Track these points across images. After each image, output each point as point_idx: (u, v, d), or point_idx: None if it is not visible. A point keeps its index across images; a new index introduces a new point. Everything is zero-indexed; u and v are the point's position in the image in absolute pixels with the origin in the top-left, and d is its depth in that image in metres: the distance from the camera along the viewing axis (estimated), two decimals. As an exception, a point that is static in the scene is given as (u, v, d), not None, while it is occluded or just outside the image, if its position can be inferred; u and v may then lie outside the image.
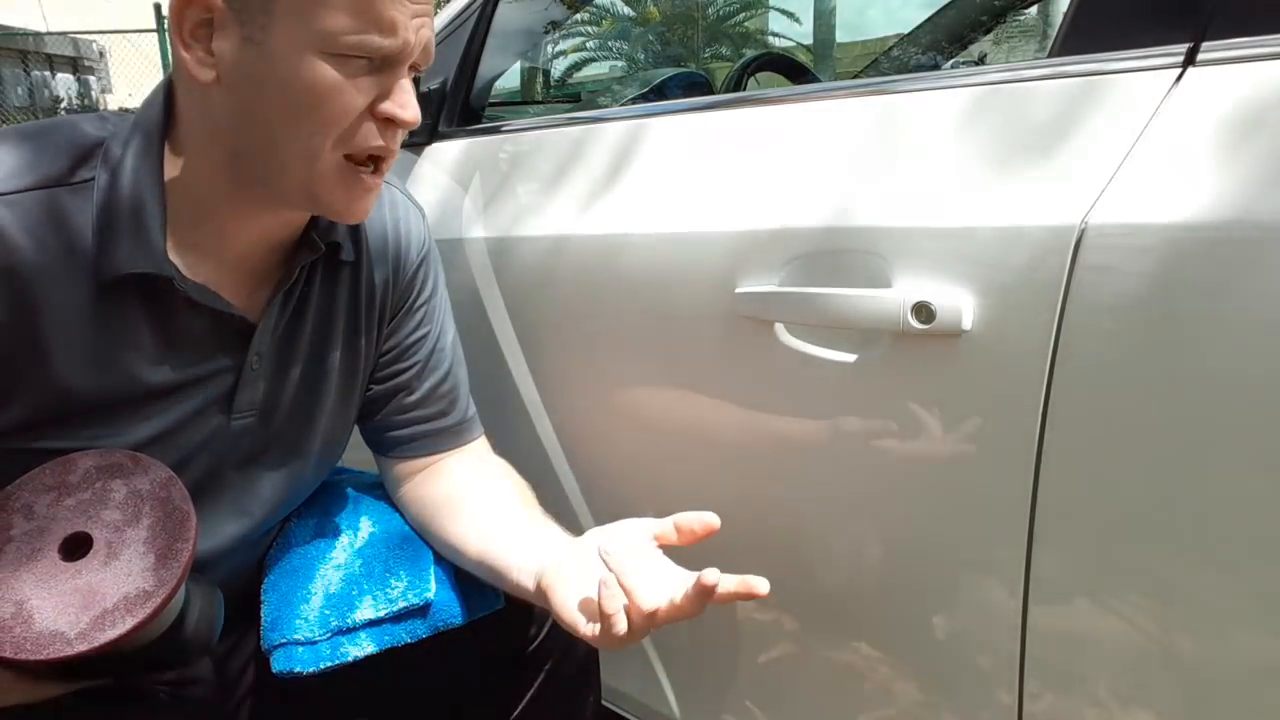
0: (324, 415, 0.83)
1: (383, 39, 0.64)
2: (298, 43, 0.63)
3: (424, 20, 0.67)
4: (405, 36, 0.65)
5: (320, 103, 0.65)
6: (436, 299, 0.91)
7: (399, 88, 0.67)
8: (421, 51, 0.67)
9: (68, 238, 0.66)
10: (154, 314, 0.70)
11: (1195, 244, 0.61)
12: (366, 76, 0.66)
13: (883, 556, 0.81)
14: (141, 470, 0.66)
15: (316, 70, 0.64)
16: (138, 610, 0.60)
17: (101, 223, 0.66)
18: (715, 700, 1.00)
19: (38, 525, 0.62)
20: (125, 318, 0.69)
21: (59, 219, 0.65)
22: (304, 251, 0.76)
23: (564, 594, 0.72)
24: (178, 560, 0.62)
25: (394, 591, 0.83)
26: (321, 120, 0.65)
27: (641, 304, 0.94)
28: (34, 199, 0.65)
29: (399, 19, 0.64)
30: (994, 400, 0.71)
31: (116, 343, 0.69)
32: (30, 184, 0.65)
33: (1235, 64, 0.63)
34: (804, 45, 7.95)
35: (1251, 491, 0.61)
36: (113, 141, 0.68)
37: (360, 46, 0.64)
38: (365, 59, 0.65)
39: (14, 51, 13.85)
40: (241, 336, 0.75)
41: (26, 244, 0.64)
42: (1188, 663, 0.66)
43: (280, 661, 0.81)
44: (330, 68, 0.64)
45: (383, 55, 0.65)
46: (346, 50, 0.64)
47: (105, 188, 0.67)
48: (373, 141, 0.68)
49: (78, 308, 0.67)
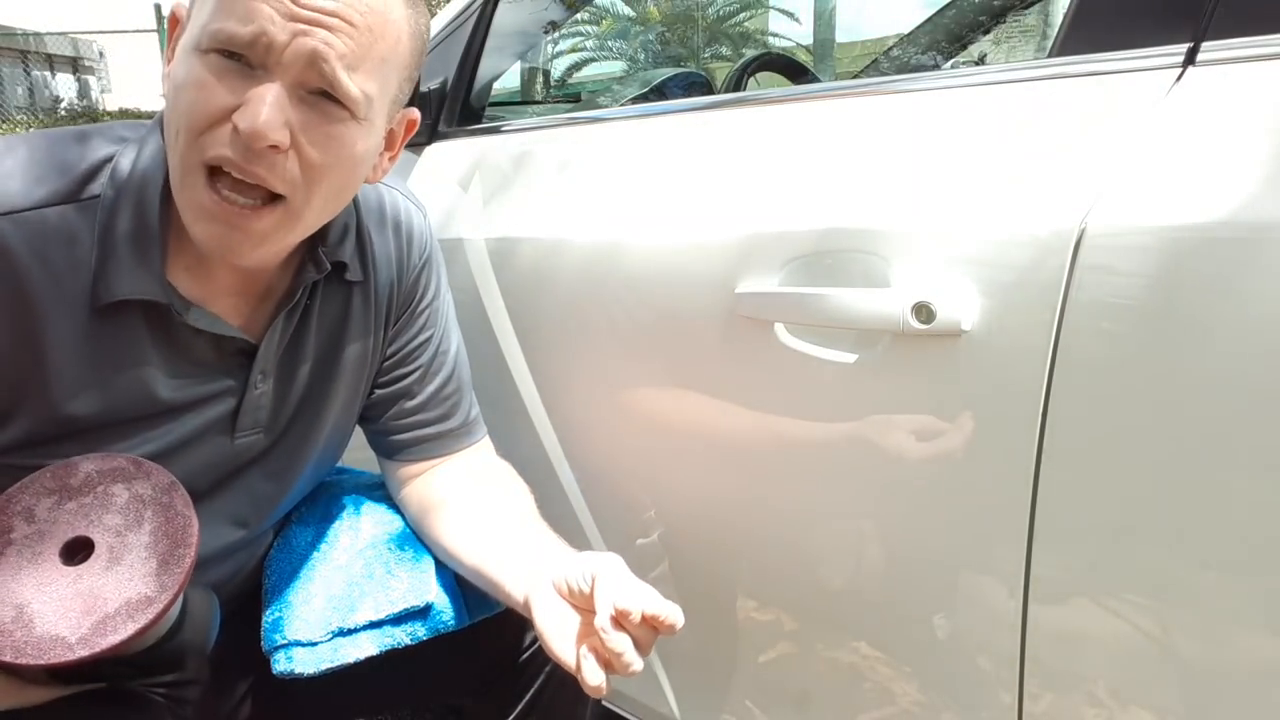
0: (327, 425, 0.83)
1: (238, 26, 0.60)
2: (187, 45, 0.63)
3: (311, 30, 0.61)
4: (264, 28, 0.60)
5: (182, 99, 0.62)
6: (439, 302, 0.90)
7: (255, 96, 0.61)
8: (308, 67, 0.61)
9: (73, 257, 0.65)
10: (155, 336, 0.69)
11: (1195, 244, 0.61)
12: (237, 79, 0.61)
13: (883, 556, 0.81)
14: (143, 475, 0.65)
15: (190, 66, 0.62)
16: (139, 615, 0.60)
17: (103, 244, 0.66)
18: (715, 700, 1.00)
19: (39, 529, 0.62)
20: (126, 339, 0.68)
21: (65, 238, 0.65)
22: (309, 270, 0.75)
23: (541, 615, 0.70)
24: (180, 566, 0.62)
25: (394, 593, 0.83)
26: (181, 115, 0.62)
27: (641, 304, 0.94)
28: (41, 217, 0.64)
29: (261, 9, 0.60)
30: (994, 400, 0.71)
31: (118, 364, 0.68)
32: (38, 201, 0.64)
33: (1235, 64, 0.63)
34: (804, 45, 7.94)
35: (1251, 491, 0.61)
36: (122, 156, 0.67)
37: (217, 35, 0.60)
38: (234, 58, 0.61)
39: (14, 51, 13.85)
40: (244, 356, 0.74)
41: (32, 264, 0.64)
42: (1188, 663, 0.66)
43: (281, 663, 0.80)
44: (199, 64, 0.62)
45: (240, 48, 0.61)
46: (210, 42, 0.61)
47: (110, 207, 0.66)
48: (222, 151, 0.62)
49: (79, 329, 0.66)
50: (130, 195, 0.66)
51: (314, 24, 0.61)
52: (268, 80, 0.61)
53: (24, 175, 0.64)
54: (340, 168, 0.66)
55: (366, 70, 0.64)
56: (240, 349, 0.74)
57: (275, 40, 0.60)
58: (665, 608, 0.64)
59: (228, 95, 0.61)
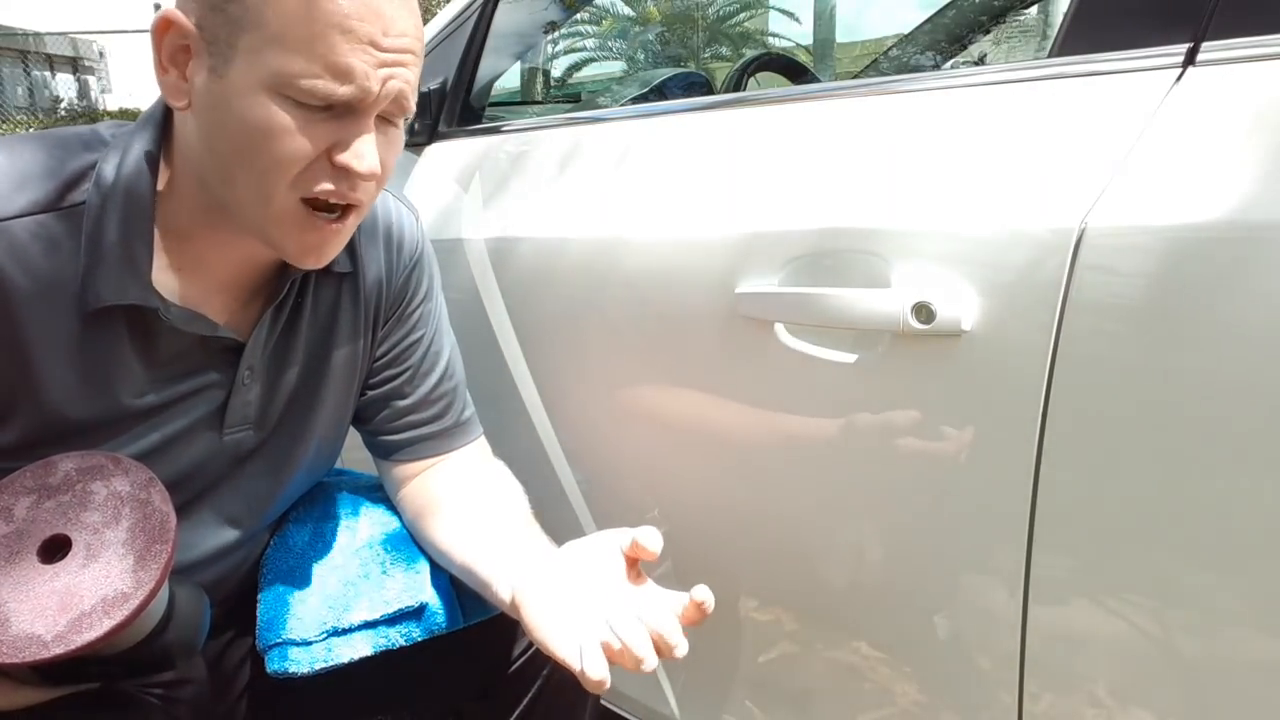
0: (318, 424, 0.83)
1: (338, 86, 0.62)
2: (254, 80, 0.62)
3: (394, 71, 0.64)
4: (365, 85, 0.62)
5: (270, 143, 0.63)
6: (431, 303, 0.90)
7: (359, 136, 0.64)
8: (393, 101, 0.65)
9: (56, 265, 0.65)
10: (141, 338, 0.69)
11: (1195, 244, 0.61)
12: (326, 122, 0.63)
13: (883, 556, 0.81)
14: (121, 472, 0.65)
15: (270, 110, 0.62)
16: (115, 612, 0.59)
17: (89, 251, 0.66)
18: (715, 700, 0.99)
19: (17, 528, 0.62)
20: (113, 342, 0.68)
21: (47, 246, 0.65)
22: (295, 267, 0.75)
23: (535, 620, 0.69)
24: (156, 562, 0.61)
25: (389, 593, 0.83)
26: (273, 161, 0.63)
27: (641, 304, 0.94)
28: (22, 226, 0.64)
29: (356, 67, 0.61)
30: (994, 400, 0.71)
31: (105, 366, 0.68)
32: (19, 210, 0.64)
33: (1235, 64, 0.63)
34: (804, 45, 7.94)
35: (1251, 491, 0.61)
36: (106, 161, 0.67)
37: (313, 92, 0.61)
38: (321, 105, 0.63)
39: (14, 51, 13.86)
40: (231, 353, 0.74)
41: (14, 272, 0.64)
42: (1188, 663, 0.66)
43: (275, 662, 0.80)
44: (283, 110, 0.62)
45: (337, 102, 0.63)
46: (300, 95, 0.62)
47: (95, 214, 0.66)
48: (325, 186, 0.65)
49: (66, 334, 0.66)
50: (116, 200, 0.66)
51: (396, 65, 0.64)
52: (364, 119, 0.64)
53: (4, 183, 0.64)
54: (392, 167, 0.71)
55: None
56: (228, 346, 0.74)
57: (370, 91, 0.63)
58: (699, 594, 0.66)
59: (324, 138, 0.64)
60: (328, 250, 0.70)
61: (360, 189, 0.67)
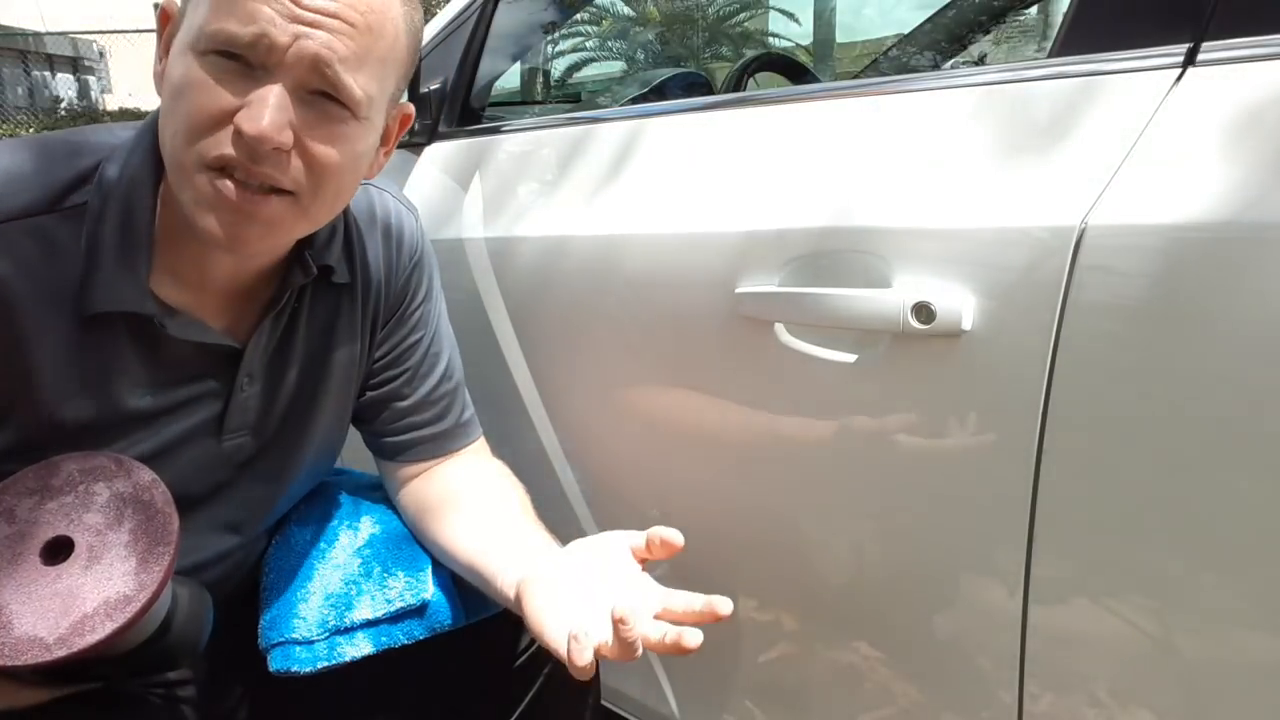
0: (318, 428, 0.83)
1: (240, 27, 0.59)
2: (182, 44, 0.62)
3: (311, 32, 0.60)
4: (266, 30, 0.59)
5: (180, 102, 0.61)
6: (431, 303, 0.90)
7: (258, 98, 0.60)
8: (311, 69, 0.61)
9: (55, 269, 0.65)
10: (139, 344, 0.69)
11: (1195, 244, 0.61)
12: (235, 80, 0.61)
13: (883, 556, 0.81)
14: (124, 473, 0.65)
15: (188, 67, 0.61)
16: (117, 615, 0.59)
17: (89, 255, 0.65)
18: (715, 700, 1.00)
19: (19, 529, 0.62)
20: (111, 348, 0.68)
21: (46, 249, 0.64)
22: (296, 274, 0.74)
23: (536, 608, 0.69)
24: (159, 564, 0.61)
25: (391, 592, 0.83)
26: (183, 119, 0.61)
27: (642, 304, 0.94)
28: (20, 229, 0.63)
29: (263, 11, 0.59)
30: (994, 400, 0.71)
31: (103, 371, 0.68)
32: (17, 212, 0.63)
33: (1235, 64, 0.63)
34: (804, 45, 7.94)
35: (1251, 491, 0.61)
36: (110, 163, 0.67)
37: (216, 36, 0.60)
38: (233, 59, 0.60)
39: (14, 51, 13.86)
40: (230, 359, 0.74)
41: (12, 275, 0.63)
42: (1188, 663, 0.66)
43: (277, 660, 0.80)
44: (197, 65, 0.61)
45: (240, 48, 0.60)
46: (209, 44, 0.60)
47: (97, 216, 0.65)
48: (224, 151, 0.61)
49: (64, 338, 0.66)
50: (117, 203, 0.66)
51: (315, 25, 0.60)
52: (269, 81, 0.61)
53: (5, 185, 0.64)
54: (344, 166, 0.66)
55: (368, 71, 0.64)
56: (226, 353, 0.73)
57: (277, 42, 0.60)
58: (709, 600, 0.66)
59: (229, 96, 0.61)
60: (243, 235, 0.64)
61: (266, 162, 0.61)
